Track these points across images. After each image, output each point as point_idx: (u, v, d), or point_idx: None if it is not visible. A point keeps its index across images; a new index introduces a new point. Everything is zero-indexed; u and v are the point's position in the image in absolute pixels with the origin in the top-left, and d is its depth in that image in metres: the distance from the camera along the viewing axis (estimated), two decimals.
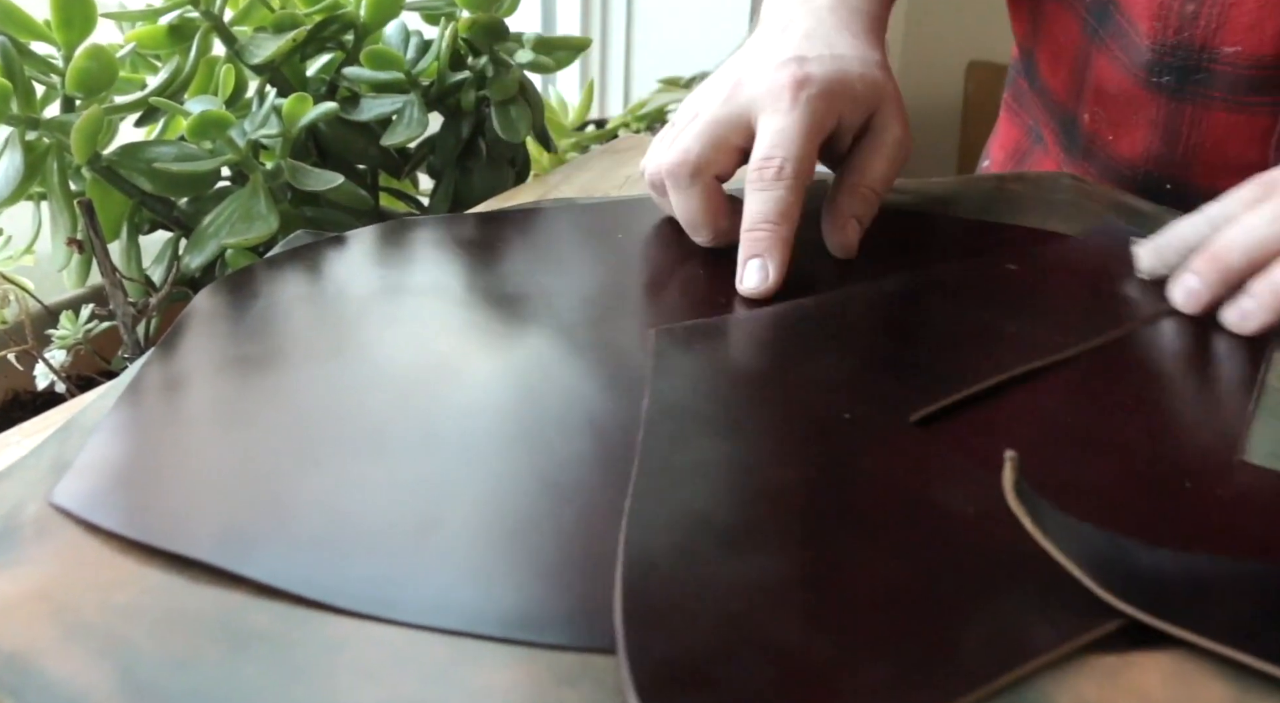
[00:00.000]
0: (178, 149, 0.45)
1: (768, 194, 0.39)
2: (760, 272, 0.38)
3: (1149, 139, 0.49)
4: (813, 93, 0.40)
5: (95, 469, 0.28)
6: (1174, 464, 0.31)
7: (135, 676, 0.22)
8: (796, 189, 0.39)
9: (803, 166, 0.39)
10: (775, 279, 0.38)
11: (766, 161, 0.39)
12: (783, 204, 0.38)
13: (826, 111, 0.40)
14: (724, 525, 0.26)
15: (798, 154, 0.39)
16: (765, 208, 0.38)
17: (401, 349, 0.35)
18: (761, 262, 0.38)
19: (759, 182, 0.39)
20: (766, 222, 0.38)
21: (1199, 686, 0.23)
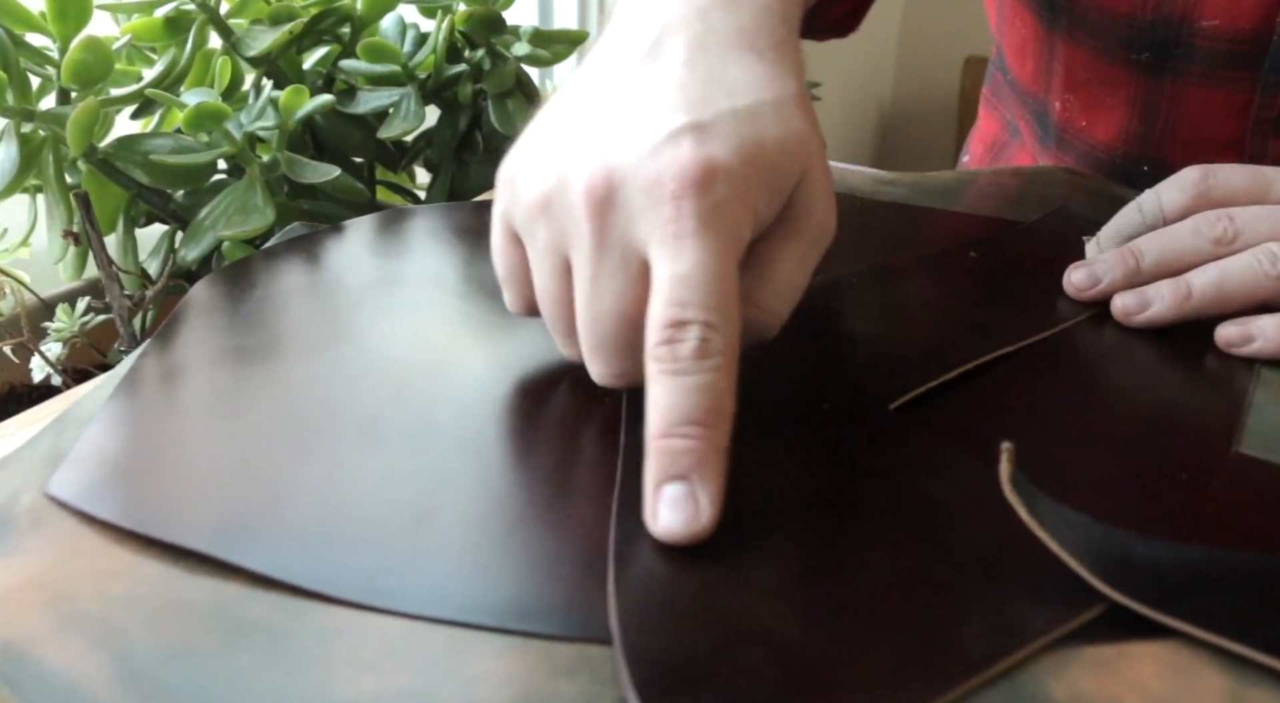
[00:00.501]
0: (174, 141, 0.45)
1: (688, 380, 0.25)
2: (689, 503, 0.25)
3: (1126, 119, 0.49)
4: (720, 200, 0.26)
5: (91, 460, 0.28)
6: (1168, 455, 0.31)
7: (131, 665, 0.22)
8: (728, 367, 0.26)
9: (731, 330, 0.26)
10: (711, 513, 0.25)
11: (679, 332, 0.25)
12: (713, 394, 0.25)
13: (740, 223, 0.27)
14: None
15: (721, 307, 0.26)
16: (687, 404, 0.25)
17: (398, 340, 0.34)
18: (688, 487, 0.25)
19: (671, 362, 0.25)
20: (690, 423, 0.25)
21: (1196, 677, 0.23)
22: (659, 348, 0.26)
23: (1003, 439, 0.31)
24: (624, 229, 0.27)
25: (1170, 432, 0.32)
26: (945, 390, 0.33)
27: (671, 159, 0.27)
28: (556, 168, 0.28)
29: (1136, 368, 0.36)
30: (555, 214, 0.28)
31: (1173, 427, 0.32)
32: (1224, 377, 0.35)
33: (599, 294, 0.27)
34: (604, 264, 0.27)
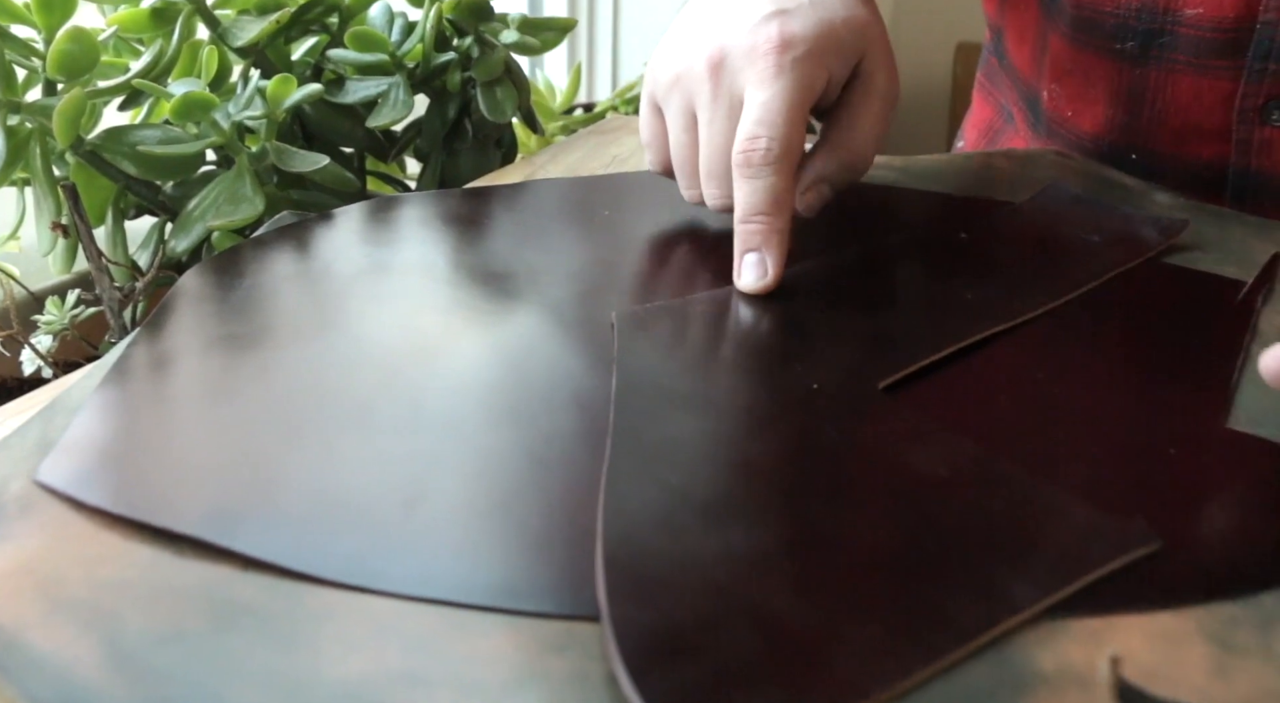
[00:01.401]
0: (162, 132, 0.45)
1: (757, 182, 0.36)
2: (759, 267, 0.36)
3: (1111, 110, 0.49)
4: (798, 55, 0.37)
5: (80, 447, 0.28)
6: (1156, 432, 0.31)
7: (121, 648, 0.22)
8: (786, 172, 0.36)
9: (792, 145, 0.36)
10: (774, 275, 0.36)
11: (752, 143, 0.36)
12: (774, 191, 0.36)
13: (813, 75, 0.37)
14: (701, 498, 0.26)
15: (785, 132, 0.36)
16: (756, 198, 0.36)
17: (388, 326, 0.34)
18: (759, 256, 0.36)
19: (746, 167, 0.36)
20: (759, 213, 0.36)
21: (1183, 647, 0.23)
22: (738, 156, 0.36)
23: (992, 417, 0.31)
24: (731, 83, 0.38)
25: (1159, 409, 0.32)
26: (935, 370, 0.33)
27: (764, 32, 0.37)
28: (685, 53, 0.40)
29: (1127, 347, 0.36)
30: (684, 82, 0.39)
31: (1162, 404, 0.32)
32: (1213, 356, 0.35)
33: (714, 132, 0.38)
34: (718, 110, 0.38)
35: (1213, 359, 0.35)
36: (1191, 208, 0.46)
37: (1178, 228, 0.43)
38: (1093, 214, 0.44)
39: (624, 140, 0.52)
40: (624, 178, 0.47)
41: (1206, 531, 0.27)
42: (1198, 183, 0.49)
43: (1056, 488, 0.27)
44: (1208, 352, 0.35)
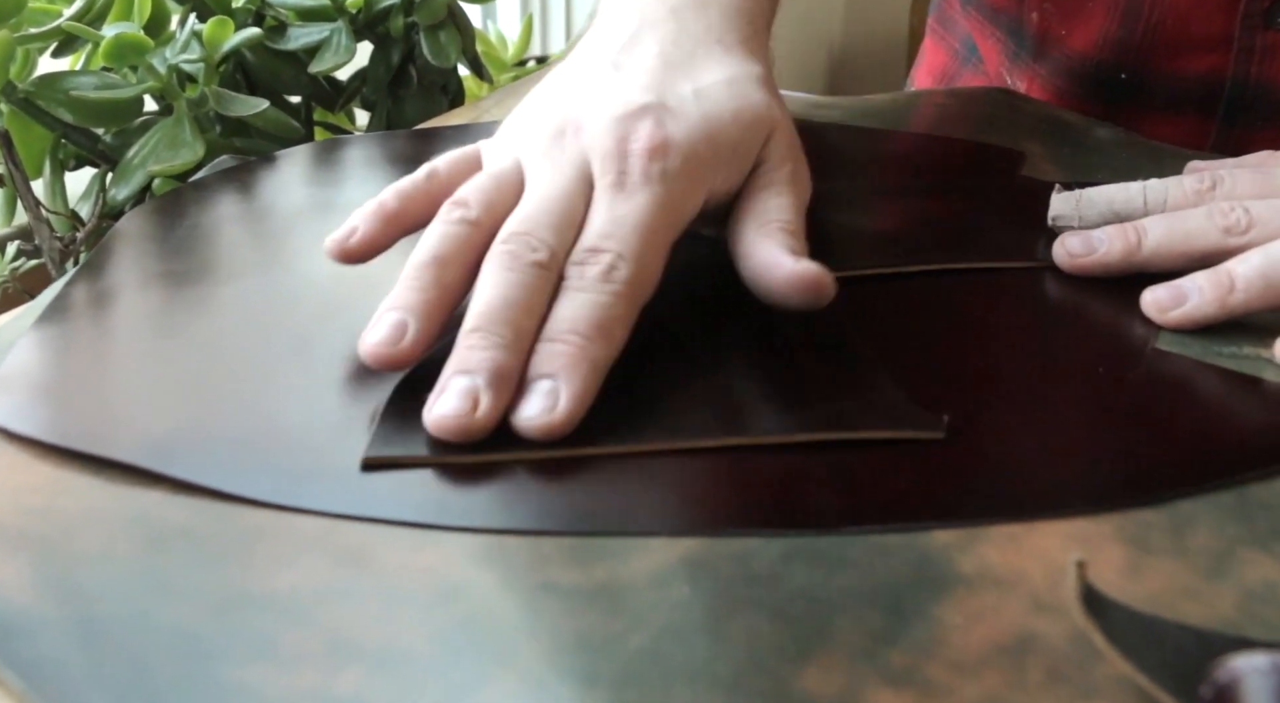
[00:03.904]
0: (98, 78, 0.44)
1: (585, 297, 0.28)
2: (548, 398, 0.26)
3: (1106, 25, 0.48)
4: (672, 167, 0.30)
5: (14, 381, 0.28)
6: (1085, 353, 0.31)
7: (49, 571, 0.22)
8: (628, 299, 0.28)
9: (642, 273, 0.29)
10: (566, 414, 0.26)
11: (593, 255, 0.28)
12: (603, 314, 0.27)
13: (687, 194, 0.30)
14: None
15: (636, 253, 0.29)
16: (578, 313, 0.27)
17: (328, 263, 0.34)
18: (551, 385, 0.26)
19: (578, 279, 0.28)
20: (574, 333, 0.27)
21: (1099, 547, 0.24)
22: (572, 268, 0.29)
23: (912, 334, 0.32)
24: (576, 157, 0.31)
25: (1089, 336, 0.33)
26: (865, 286, 0.34)
27: (634, 128, 0.31)
28: (529, 120, 0.33)
29: (1059, 298, 0.36)
30: (514, 143, 0.33)
31: (1092, 332, 0.33)
32: (1148, 282, 0.36)
33: (543, 186, 0.31)
34: (552, 165, 0.31)
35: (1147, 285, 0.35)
36: (1130, 142, 0.47)
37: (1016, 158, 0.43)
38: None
39: None
40: None
41: (1129, 441, 0.28)
42: (1189, 101, 0.49)
43: (875, 364, 0.30)
44: (1143, 280, 0.36)
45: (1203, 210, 0.35)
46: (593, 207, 0.30)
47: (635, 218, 0.29)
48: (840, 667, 0.21)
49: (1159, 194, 0.36)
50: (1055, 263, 0.35)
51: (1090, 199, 0.37)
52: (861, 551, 0.24)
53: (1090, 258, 0.35)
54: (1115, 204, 0.36)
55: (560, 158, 0.31)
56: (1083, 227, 0.36)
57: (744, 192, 0.32)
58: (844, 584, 0.23)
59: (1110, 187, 0.37)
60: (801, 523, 0.24)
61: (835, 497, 0.25)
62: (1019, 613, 0.22)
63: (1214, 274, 0.33)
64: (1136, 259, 0.34)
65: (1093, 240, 0.35)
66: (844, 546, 0.24)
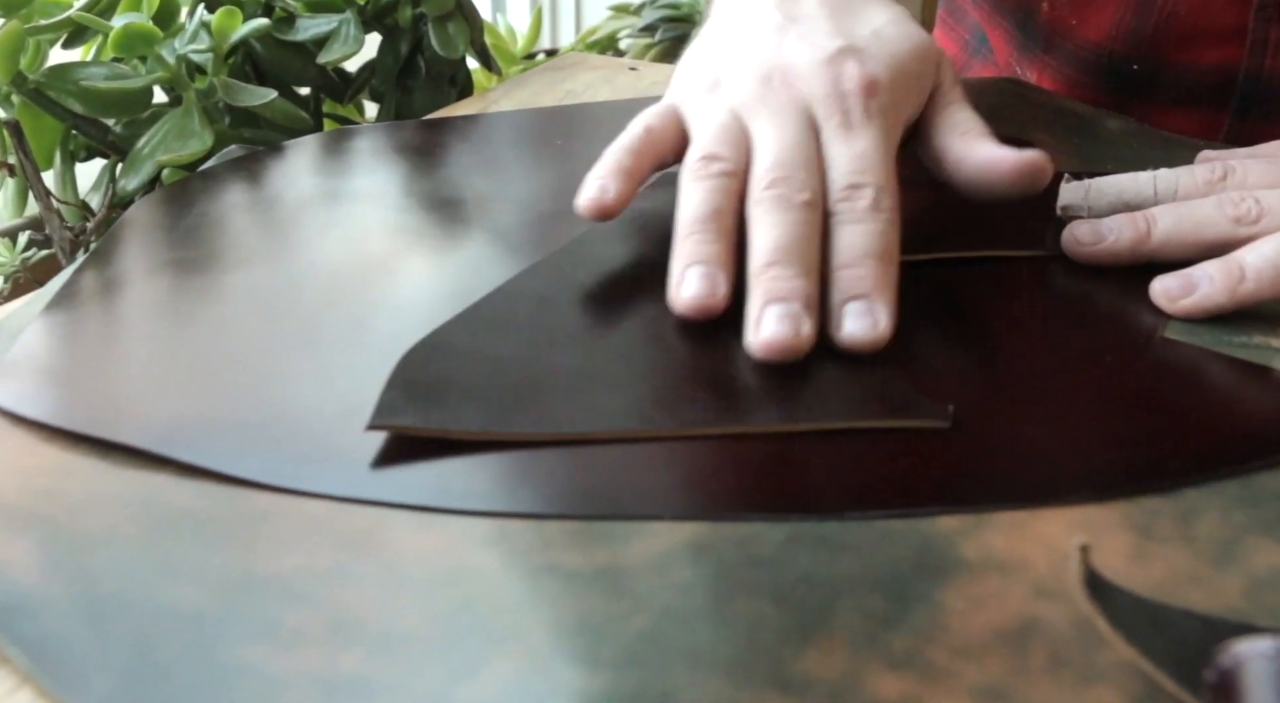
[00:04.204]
0: (108, 69, 0.44)
1: (865, 227, 0.31)
2: (868, 316, 0.29)
3: (1119, 15, 0.48)
4: (884, 103, 0.33)
5: (23, 366, 0.28)
6: (1092, 342, 0.31)
7: (55, 551, 0.23)
8: (895, 223, 0.32)
9: (895, 194, 0.32)
10: (887, 325, 0.29)
11: (856, 191, 0.32)
12: (885, 239, 0.31)
13: (896, 124, 0.34)
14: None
15: (887, 181, 0.32)
16: (866, 243, 0.31)
17: (336, 250, 0.35)
18: (867, 304, 0.30)
19: (850, 213, 0.31)
20: (869, 257, 0.30)
21: (1104, 534, 0.24)
22: (839, 205, 0.32)
23: (926, 321, 0.31)
24: (801, 103, 0.34)
25: (1097, 325, 0.32)
26: None
27: (844, 71, 0.34)
28: (728, 64, 0.35)
29: (1067, 287, 0.35)
30: (728, 88, 0.35)
31: (1100, 320, 0.33)
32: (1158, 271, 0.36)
33: (784, 136, 0.33)
34: (787, 120, 0.33)
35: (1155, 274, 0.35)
36: (1141, 132, 0.46)
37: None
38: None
39: (579, 76, 0.52)
40: (577, 109, 0.47)
41: (1136, 429, 0.28)
42: (1201, 93, 0.49)
43: (883, 354, 0.29)
44: (1153, 269, 0.36)
45: (1213, 200, 0.34)
46: (827, 147, 0.33)
47: (873, 152, 0.33)
48: (841, 650, 0.21)
49: (1169, 183, 0.36)
50: (1064, 252, 0.35)
51: (1099, 189, 0.36)
52: (864, 536, 0.23)
53: (1099, 247, 0.35)
54: (1125, 194, 0.36)
55: (779, 105, 0.33)
56: (1092, 216, 0.36)
57: (928, 114, 0.36)
58: (846, 569, 0.23)
59: (1120, 176, 0.36)
60: (804, 508, 0.24)
61: (839, 482, 0.25)
62: (1022, 599, 0.22)
63: (1224, 263, 0.32)
64: (1146, 248, 0.34)
65: (1102, 229, 0.35)
66: (847, 531, 0.24)
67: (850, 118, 0.33)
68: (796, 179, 0.32)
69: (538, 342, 0.29)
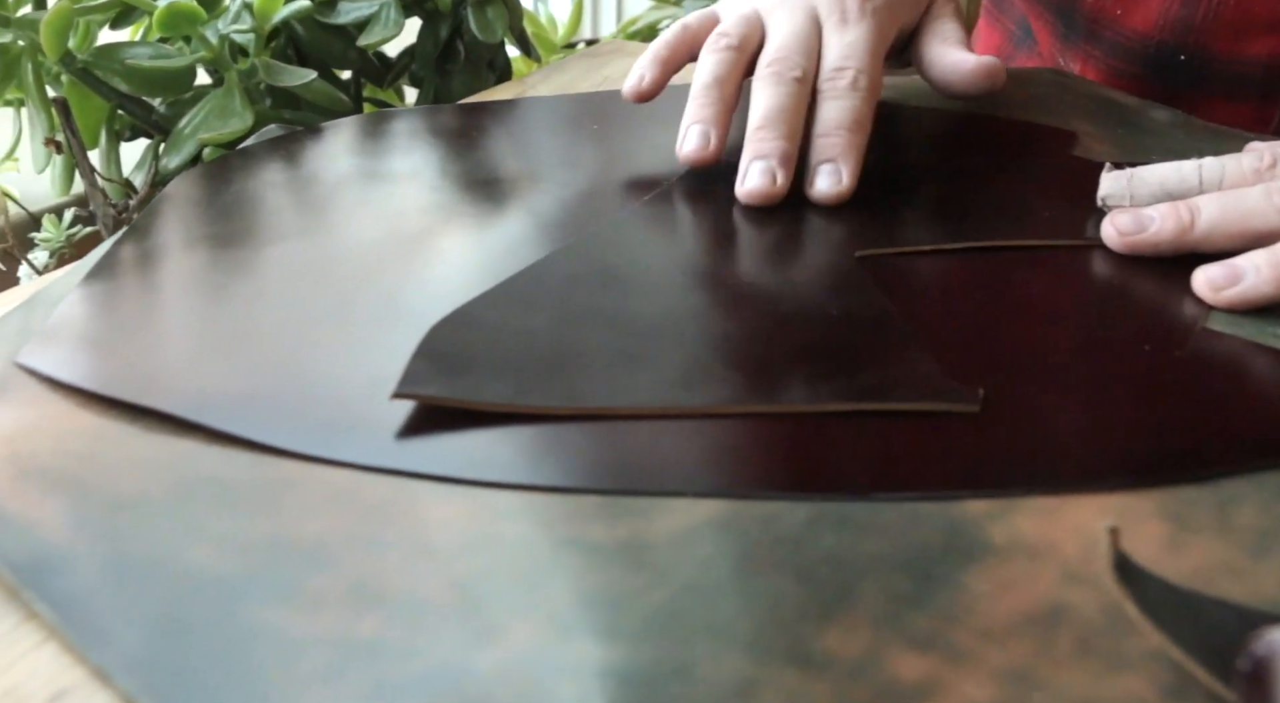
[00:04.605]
0: (153, 49, 0.45)
1: (841, 102, 0.38)
2: (833, 175, 0.37)
3: (1166, 4, 0.47)
4: (878, 4, 0.40)
5: (61, 333, 0.29)
6: (1133, 332, 0.31)
7: (85, 511, 0.23)
8: (870, 101, 0.38)
9: (875, 81, 0.39)
10: (849, 183, 0.36)
11: (839, 73, 0.38)
12: (857, 113, 0.38)
13: (889, 24, 0.40)
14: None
15: (869, 66, 0.39)
16: (839, 115, 0.38)
17: (370, 228, 0.35)
18: (834, 166, 0.37)
19: (832, 91, 0.38)
20: (840, 128, 0.37)
21: (1138, 522, 0.24)
22: (825, 84, 0.38)
23: (968, 307, 0.31)
24: (807, 10, 0.40)
25: (1137, 315, 0.32)
26: (915, 261, 0.34)
27: None
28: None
29: (1107, 276, 0.35)
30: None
31: (1140, 310, 0.32)
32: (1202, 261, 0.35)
33: (788, 28, 0.40)
34: (793, 16, 0.40)
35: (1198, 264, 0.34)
36: (1188, 124, 0.45)
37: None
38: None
39: (616, 62, 0.52)
40: (614, 95, 0.47)
41: (1174, 418, 0.27)
42: (1251, 85, 0.48)
43: (913, 337, 0.29)
44: (1195, 259, 0.35)
45: (1260, 189, 0.33)
46: (825, 40, 0.40)
47: (861, 43, 0.39)
48: (863, 629, 0.20)
49: (1215, 172, 0.35)
50: (1104, 242, 0.34)
51: (1142, 178, 0.36)
52: (891, 517, 0.23)
53: (1140, 237, 0.34)
54: (1168, 183, 0.35)
55: (791, 6, 0.40)
56: (1134, 206, 0.35)
57: (921, 24, 0.43)
58: (872, 549, 0.22)
59: (1163, 165, 0.36)
60: (829, 488, 0.24)
61: (867, 463, 0.25)
62: (1051, 584, 0.22)
63: (1272, 253, 0.31)
64: (1189, 239, 0.33)
65: (1143, 218, 0.34)
66: (873, 511, 0.23)
67: (847, 15, 0.40)
68: (791, 60, 0.38)
69: (566, 318, 0.29)
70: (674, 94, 0.45)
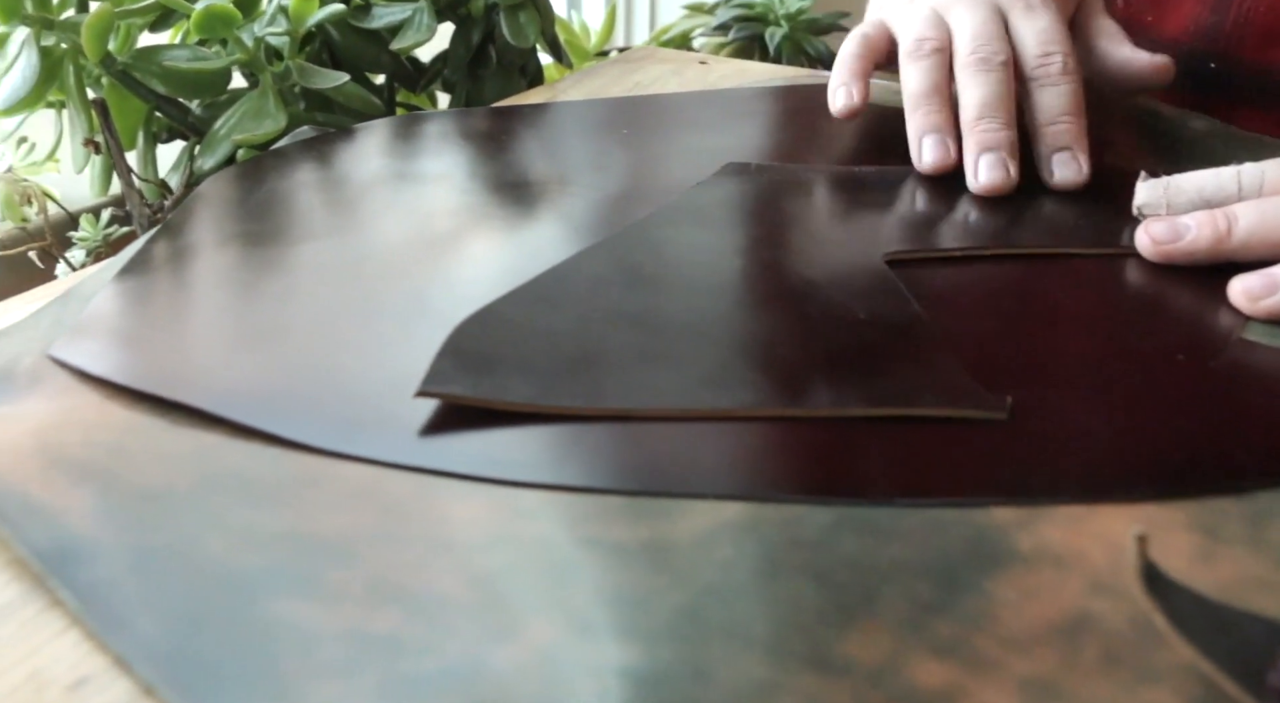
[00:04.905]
0: (190, 52, 0.46)
1: (1060, 87, 0.39)
2: (1073, 163, 0.38)
3: (1197, 11, 0.47)
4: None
5: (93, 327, 0.29)
6: (1166, 341, 0.30)
7: (111, 501, 0.23)
8: (1081, 84, 0.40)
9: (1080, 64, 0.40)
10: (1088, 169, 0.38)
11: (1048, 59, 0.39)
12: (1077, 97, 0.39)
13: (1065, 11, 0.42)
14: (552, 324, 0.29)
15: (1070, 48, 0.40)
16: (1062, 101, 0.39)
17: (399, 228, 0.35)
18: (1070, 154, 0.38)
19: (1045, 78, 0.39)
20: (1066, 114, 0.39)
21: (1168, 533, 0.23)
22: (1037, 70, 0.39)
23: (996, 314, 0.31)
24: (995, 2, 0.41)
25: (1171, 324, 0.31)
26: (945, 267, 0.33)
27: None
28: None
29: (1141, 284, 0.34)
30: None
31: (1174, 319, 0.32)
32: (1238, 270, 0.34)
33: (977, 23, 0.41)
34: (979, 9, 0.41)
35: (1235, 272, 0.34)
36: (1227, 134, 0.45)
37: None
38: None
39: (648, 68, 0.52)
40: (645, 100, 0.47)
41: (1207, 429, 0.27)
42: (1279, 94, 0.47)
43: (942, 342, 0.29)
44: (1232, 269, 0.34)
45: None
46: (1015, 27, 0.40)
47: (1055, 27, 0.40)
48: (884, 634, 0.20)
49: (1254, 178, 0.34)
50: (1139, 250, 0.34)
51: (1179, 186, 0.35)
52: (915, 523, 0.23)
53: (1176, 245, 0.33)
54: (1206, 190, 0.35)
55: (978, 3, 0.41)
56: (1170, 215, 0.35)
57: (1079, 18, 0.45)
58: (894, 555, 0.22)
59: (1202, 172, 0.35)
60: (853, 493, 0.24)
61: (890, 469, 0.24)
62: (1077, 593, 0.21)
63: None
64: (1226, 247, 0.33)
65: (1179, 227, 0.34)
66: (897, 517, 0.23)
67: (1031, 2, 0.40)
68: (993, 46, 0.39)
69: (591, 318, 0.29)
70: (698, 98, 0.45)
